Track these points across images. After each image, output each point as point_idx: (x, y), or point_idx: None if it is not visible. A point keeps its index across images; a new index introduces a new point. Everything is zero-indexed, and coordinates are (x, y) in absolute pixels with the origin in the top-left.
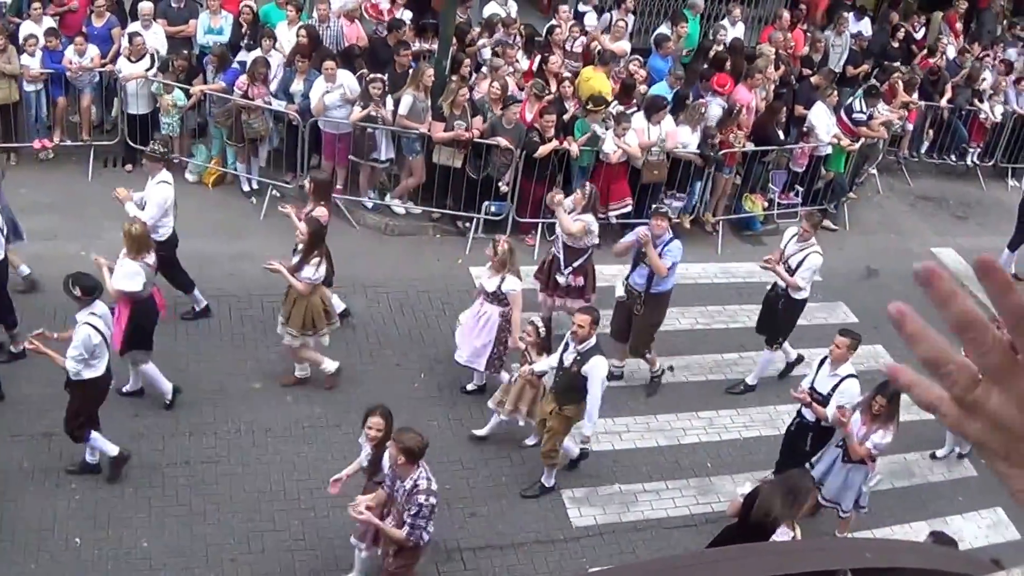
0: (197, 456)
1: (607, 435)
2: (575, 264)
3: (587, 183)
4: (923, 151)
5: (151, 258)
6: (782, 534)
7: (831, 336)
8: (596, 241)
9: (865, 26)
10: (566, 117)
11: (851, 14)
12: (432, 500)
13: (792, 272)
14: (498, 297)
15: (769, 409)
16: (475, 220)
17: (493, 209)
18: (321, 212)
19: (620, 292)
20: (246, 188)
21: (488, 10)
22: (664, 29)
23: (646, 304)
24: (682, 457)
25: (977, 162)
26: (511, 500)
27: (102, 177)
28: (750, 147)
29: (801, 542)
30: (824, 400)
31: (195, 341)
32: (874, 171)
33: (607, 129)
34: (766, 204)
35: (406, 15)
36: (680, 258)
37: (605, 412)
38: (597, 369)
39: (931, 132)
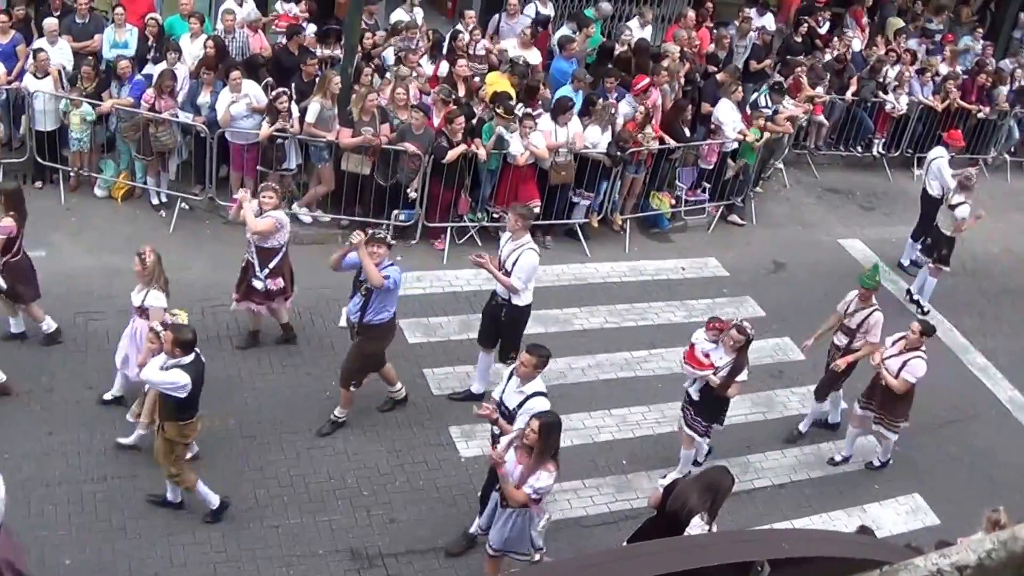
0: (114, 472)
1: None
2: (270, 266)
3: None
4: (821, 142)
5: None
6: (696, 527)
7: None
8: (287, 238)
9: (768, 21)
10: (474, 121)
11: (754, 9)
12: None
13: (508, 274)
14: (145, 311)
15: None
16: (385, 227)
17: (402, 217)
18: (7, 224)
19: (342, 321)
20: (155, 201)
21: (395, 16)
22: (566, 31)
23: (360, 334)
24: (597, 456)
25: (883, 152)
26: (430, 505)
27: None
28: (656, 145)
29: (719, 534)
30: (511, 416)
31: (107, 354)
32: (780, 165)
33: (514, 132)
34: (673, 202)
35: (310, 27)
36: (399, 281)
37: None
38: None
39: (826, 123)
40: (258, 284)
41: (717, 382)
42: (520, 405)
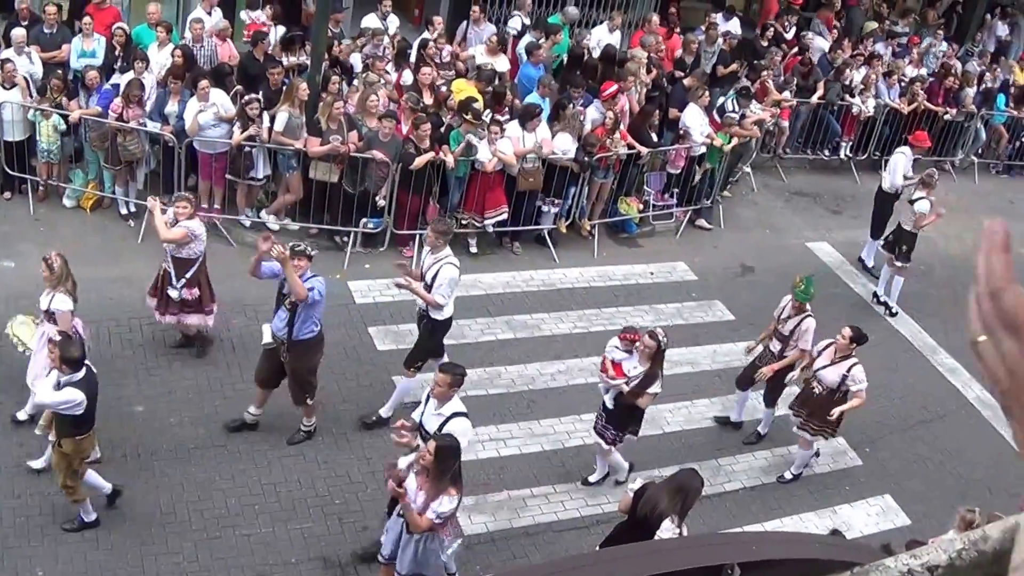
0: None
1: (492, 442)
2: (187, 275)
3: None
4: (787, 147)
5: None
6: (666, 530)
7: (708, 336)
8: (203, 248)
9: (734, 26)
10: (442, 129)
11: (720, 15)
12: None
13: (429, 288)
14: (52, 315)
15: (651, 409)
16: (353, 235)
17: (371, 225)
18: None
19: (267, 338)
20: (124, 211)
21: (366, 22)
22: (532, 37)
23: (291, 351)
24: (568, 460)
25: (850, 155)
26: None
27: None
28: (624, 150)
29: (689, 539)
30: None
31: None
32: (748, 169)
33: (482, 139)
34: (641, 206)
35: (277, 30)
36: (324, 292)
37: (488, 419)
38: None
39: (786, 130)
40: (173, 294)
41: (628, 391)
42: (440, 428)
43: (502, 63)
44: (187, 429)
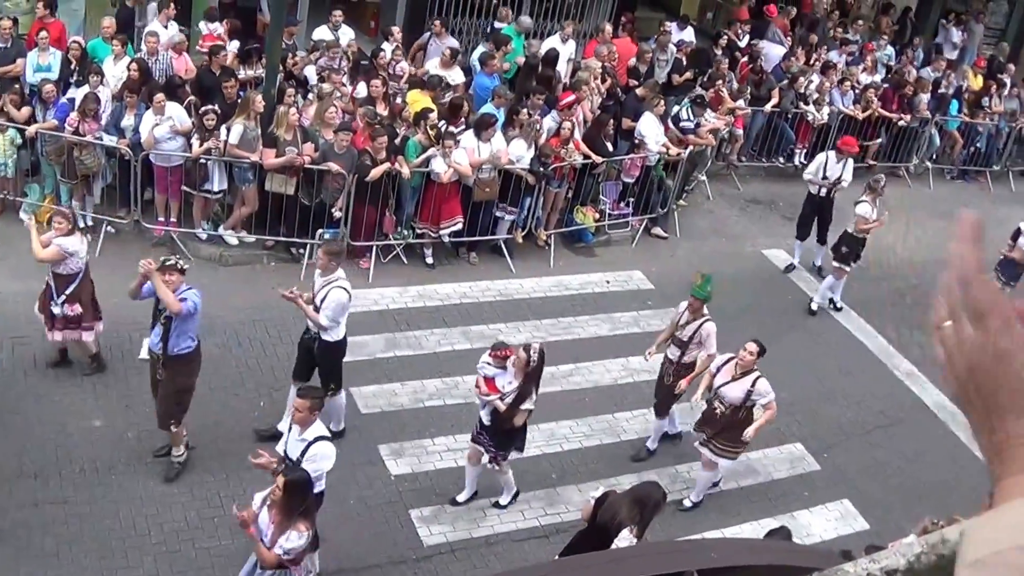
0: (44, 497)
1: (450, 453)
2: (67, 292)
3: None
4: (740, 155)
5: None
6: (624, 539)
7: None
8: (82, 264)
9: (688, 35)
10: (397, 140)
11: (674, 24)
12: None
13: (319, 309)
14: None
15: (607, 417)
16: (309, 246)
17: (327, 236)
18: None
19: (143, 354)
20: (81, 225)
21: (318, 34)
22: (486, 47)
23: (166, 367)
24: (526, 470)
25: (804, 162)
26: (361, 523)
27: None
28: (579, 160)
29: (647, 545)
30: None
31: (33, 381)
32: (704, 178)
33: (437, 150)
34: (597, 216)
35: (232, 44)
36: (199, 305)
37: (446, 430)
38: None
39: (740, 138)
40: (56, 310)
41: (503, 408)
42: (303, 453)
43: (456, 75)
44: (144, 442)
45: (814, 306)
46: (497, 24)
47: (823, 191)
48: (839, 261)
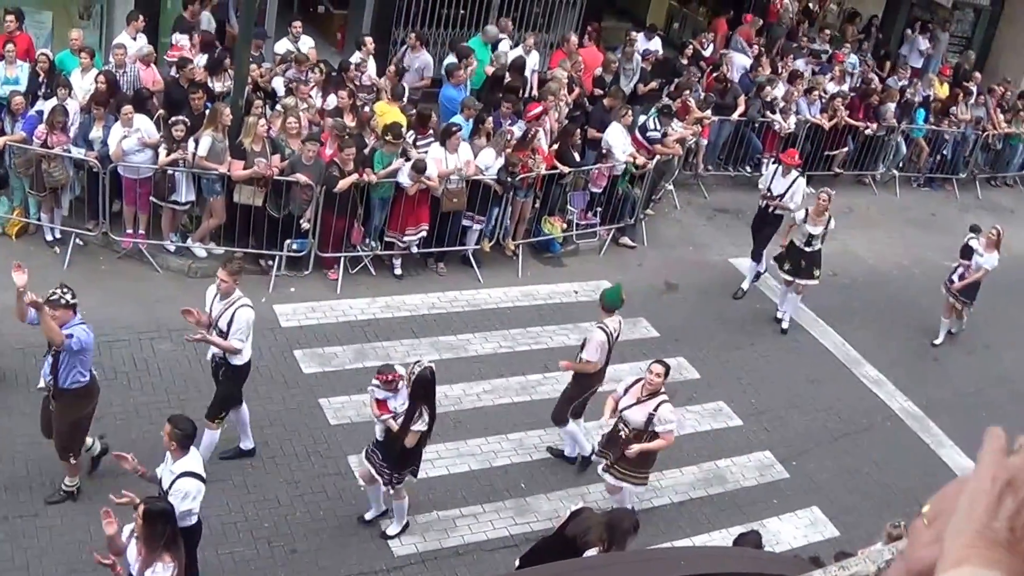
0: (14, 511)
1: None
2: None
3: None
4: (707, 163)
5: None
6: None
7: (634, 353)
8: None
9: (655, 44)
10: (366, 151)
11: (641, 33)
12: None
13: (225, 335)
14: None
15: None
16: (278, 258)
17: (295, 247)
18: None
19: (41, 383)
20: (49, 237)
21: (280, 46)
22: (454, 58)
23: (56, 400)
24: (496, 480)
25: None
26: (331, 535)
27: None
28: (544, 169)
29: (617, 555)
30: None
31: (2, 396)
32: (671, 187)
33: (406, 160)
34: (565, 226)
35: (200, 59)
36: (88, 343)
37: None
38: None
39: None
40: None
41: (395, 427)
42: (171, 485)
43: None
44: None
45: (784, 324)
46: (488, 29)
47: (768, 207)
48: (791, 275)
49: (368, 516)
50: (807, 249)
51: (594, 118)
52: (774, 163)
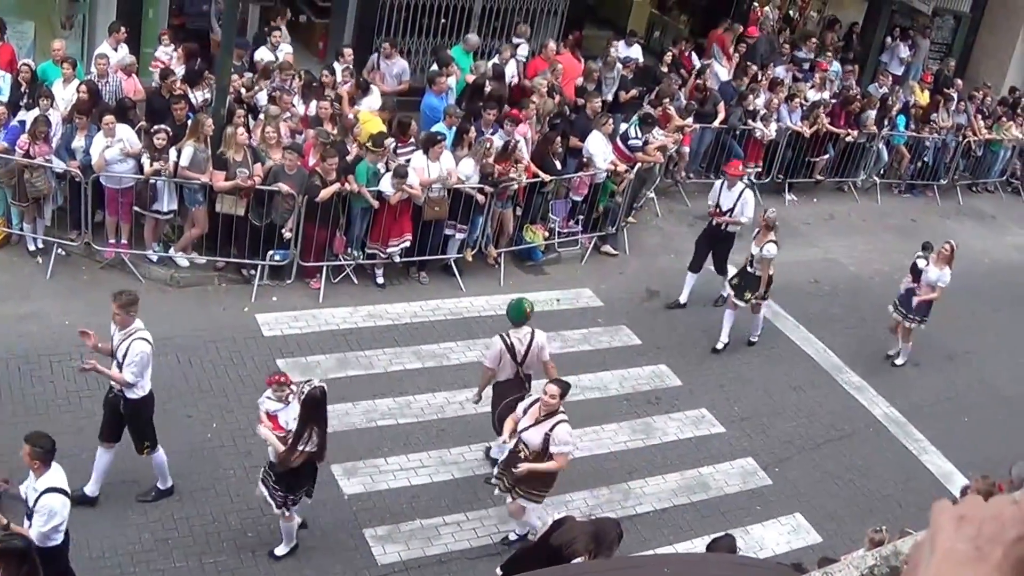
0: None
1: (403, 471)
2: None
3: None
4: (689, 171)
5: None
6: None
7: (615, 361)
8: None
9: (635, 52)
10: (349, 159)
11: (622, 41)
12: None
13: (121, 367)
14: None
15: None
16: (260, 267)
17: (277, 257)
18: None
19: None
20: (32, 248)
21: (259, 55)
22: (434, 67)
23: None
24: (479, 488)
25: (754, 180)
26: (314, 543)
27: None
28: (524, 178)
29: (600, 562)
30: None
31: None
32: (652, 195)
33: (388, 171)
34: (547, 234)
35: (179, 70)
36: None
37: (399, 449)
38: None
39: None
40: None
41: (281, 449)
42: (36, 502)
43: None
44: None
45: (753, 338)
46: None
47: (718, 223)
48: (739, 298)
49: (279, 552)
50: (748, 269)
51: (578, 126)
52: (719, 177)
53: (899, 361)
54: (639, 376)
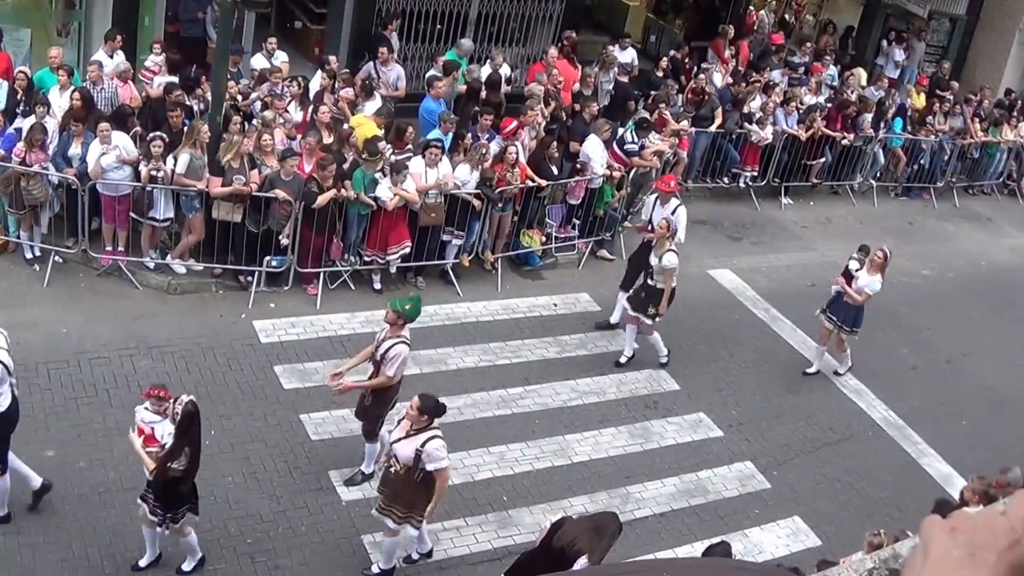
0: None
1: None
2: None
3: None
4: (687, 177)
5: None
6: (581, 565)
7: (612, 365)
8: None
9: (630, 55)
10: (346, 165)
11: (616, 46)
12: None
13: None
14: None
15: (559, 439)
16: (257, 274)
17: (274, 263)
18: None
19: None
20: (29, 255)
21: (255, 62)
22: (435, 71)
23: None
24: (478, 493)
25: (750, 183)
26: (313, 550)
27: None
28: (519, 184)
29: (600, 567)
30: None
31: None
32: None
33: (384, 176)
34: (544, 239)
35: (167, 79)
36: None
37: None
38: None
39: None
40: None
41: (151, 465)
42: None
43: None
44: (97, 472)
45: (662, 359)
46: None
47: (644, 238)
48: (646, 317)
49: (142, 563)
50: (649, 282)
51: (575, 131)
52: (652, 193)
53: (842, 370)
54: (637, 380)
